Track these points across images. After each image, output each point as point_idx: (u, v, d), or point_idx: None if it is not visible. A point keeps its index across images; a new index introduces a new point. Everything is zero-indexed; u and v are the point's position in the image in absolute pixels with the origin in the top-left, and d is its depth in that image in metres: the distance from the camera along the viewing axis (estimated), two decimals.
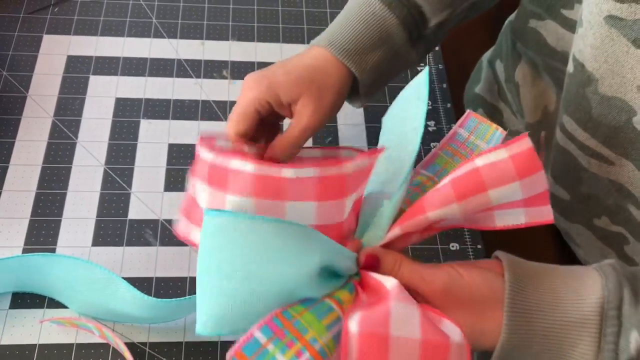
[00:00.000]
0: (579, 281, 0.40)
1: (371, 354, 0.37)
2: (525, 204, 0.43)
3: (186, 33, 0.82)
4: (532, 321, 0.40)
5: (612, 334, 0.38)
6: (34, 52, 0.78)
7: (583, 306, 0.39)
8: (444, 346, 0.38)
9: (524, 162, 0.41)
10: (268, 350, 0.37)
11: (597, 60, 0.47)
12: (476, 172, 0.42)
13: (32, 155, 0.70)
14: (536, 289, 0.40)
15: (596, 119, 0.49)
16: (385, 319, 0.38)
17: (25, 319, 0.60)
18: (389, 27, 0.55)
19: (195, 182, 0.46)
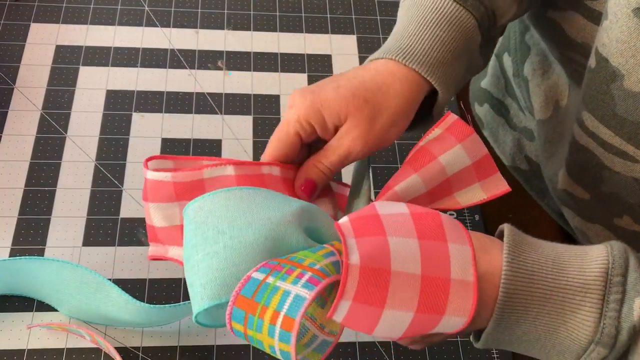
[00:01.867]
0: (582, 249, 0.40)
1: (366, 226, 0.38)
2: (477, 175, 0.47)
3: (180, 22, 0.79)
4: (533, 282, 0.38)
5: (615, 301, 0.37)
6: (21, 41, 0.75)
7: (586, 271, 0.38)
8: (435, 214, 0.40)
9: (458, 130, 0.47)
10: (268, 282, 0.36)
11: (623, 54, 0.44)
12: (423, 149, 0.47)
13: (20, 151, 0.67)
14: (537, 250, 0.39)
15: (621, 115, 0.47)
16: (371, 207, 0.40)
17: (14, 322, 0.57)
18: (469, 30, 0.48)
19: (154, 207, 0.44)
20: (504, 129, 0.70)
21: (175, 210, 0.44)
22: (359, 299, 0.35)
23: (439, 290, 0.37)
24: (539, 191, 0.69)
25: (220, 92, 0.74)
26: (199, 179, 0.43)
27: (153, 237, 0.45)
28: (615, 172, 0.51)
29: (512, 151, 0.70)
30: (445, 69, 0.47)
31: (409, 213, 0.39)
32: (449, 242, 0.38)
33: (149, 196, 0.44)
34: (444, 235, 0.38)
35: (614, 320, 0.37)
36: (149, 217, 0.44)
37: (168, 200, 0.43)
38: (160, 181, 0.43)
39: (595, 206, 0.56)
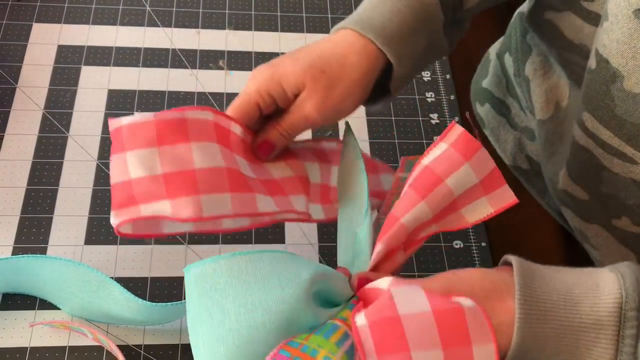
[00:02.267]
0: (593, 281, 0.39)
1: (387, 338, 0.36)
2: (484, 190, 0.45)
3: (181, 22, 0.79)
4: (546, 322, 0.38)
5: (630, 336, 0.37)
6: (23, 41, 0.75)
7: (599, 307, 0.38)
8: (458, 311, 0.37)
9: (464, 145, 0.44)
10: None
11: (623, 56, 0.44)
12: (428, 170, 0.44)
13: (22, 150, 0.67)
14: (548, 286, 0.39)
15: (620, 116, 0.47)
16: (390, 302, 0.37)
17: (16, 320, 0.58)
18: (430, 7, 0.49)
19: (132, 154, 0.43)
20: (505, 128, 0.71)
21: (155, 157, 0.43)
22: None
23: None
24: (540, 190, 0.69)
25: (222, 92, 0.74)
26: (181, 117, 0.44)
27: (121, 199, 0.43)
28: (614, 173, 0.51)
29: (513, 150, 0.70)
30: (401, 42, 0.48)
31: (431, 312, 0.37)
32: (474, 345, 0.37)
33: (126, 144, 0.43)
34: (468, 337, 0.37)
35: (630, 357, 0.37)
36: (122, 171, 0.43)
37: (148, 145, 0.42)
38: (141, 123, 0.43)
39: (594, 207, 0.56)
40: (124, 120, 0.44)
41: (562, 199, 0.59)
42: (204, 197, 0.43)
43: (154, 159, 0.43)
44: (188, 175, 0.43)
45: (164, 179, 0.42)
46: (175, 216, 0.43)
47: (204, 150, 0.44)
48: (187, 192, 0.43)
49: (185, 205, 0.42)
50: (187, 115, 0.44)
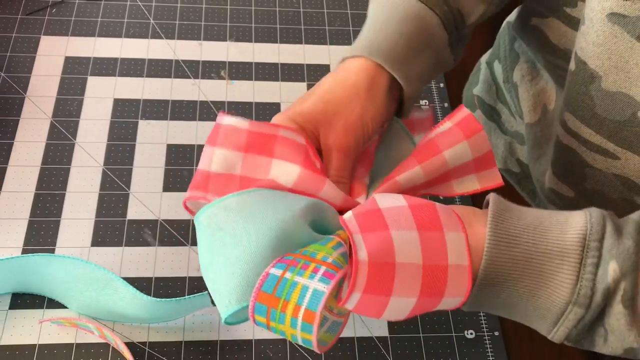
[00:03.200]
0: (564, 217, 0.42)
1: (369, 221, 0.40)
2: (475, 168, 0.48)
3: (184, 34, 0.82)
4: (514, 247, 0.41)
5: (591, 265, 0.40)
6: (32, 53, 0.78)
7: (565, 237, 0.41)
8: (430, 204, 0.42)
9: (467, 126, 0.47)
10: (286, 278, 0.38)
11: (600, 57, 0.47)
12: (431, 142, 0.48)
13: (31, 156, 0.70)
14: (519, 217, 0.42)
15: (600, 115, 0.50)
16: (372, 201, 0.42)
17: (25, 319, 0.60)
18: (432, 27, 0.51)
19: (220, 151, 0.45)
20: (496, 133, 0.73)
21: (237, 161, 0.45)
22: (368, 291, 0.38)
23: (438, 277, 0.40)
24: (530, 192, 0.71)
25: (223, 101, 0.77)
26: (273, 134, 0.46)
27: (198, 184, 0.46)
28: (598, 169, 0.53)
29: (504, 154, 0.72)
30: (409, 63, 0.50)
31: (407, 206, 0.41)
32: (445, 231, 0.41)
33: (218, 140, 0.45)
34: (440, 224, 0.41)
35: (589, 282, 0.39)
36: (207, 162, 0.45)
37: (235, 149, 0.45)
38: (235, 127, 0.45)
39: (580, 203, 0.58)
40: (226, 120, 0.46)
41: (550, 197, 0.62)
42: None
43: (237, 161, 0.45)
44: (260, 183, 0.45)
45: (239, 179, 0.45)
46: None
47: (282, 168, 0.46)
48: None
49: None
50: (279, 133, 0.46)
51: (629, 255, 0.39)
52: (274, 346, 0.61)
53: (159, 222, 0.67)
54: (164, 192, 0.69)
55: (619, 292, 0.39)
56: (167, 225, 0.67)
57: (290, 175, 0.45)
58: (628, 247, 0.39)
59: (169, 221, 0.67)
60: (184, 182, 0.70)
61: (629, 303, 0.39)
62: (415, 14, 0.50)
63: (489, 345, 0.63)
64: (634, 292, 0.39)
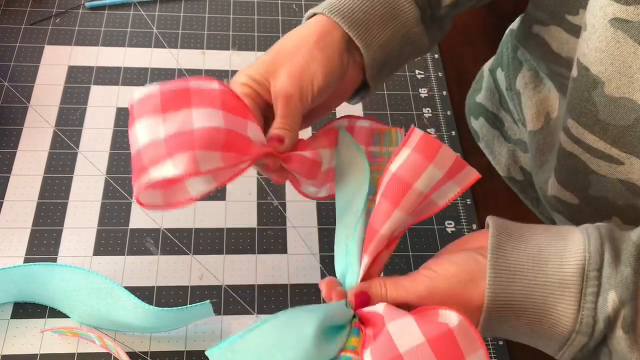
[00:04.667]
0: (562, 242, 0.42)
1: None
2: (449, 176, 0.47)
3: (187, 43, 0.82)
4: (514, 281, 0.41)
5: (591, 294, 0.40)
6: (36, 62, 0.78)
7: (565, 268, 0.41)
8: (448, 334, 0.40)
9: (426, 148, 0.46)
10: None
11: (602, 63, 0.47)
12: (395, 177, 0.46)
13: (34, 165, 0.70)
14: (519, 249, 0.42)
15: (603, 120, 0.49)
16: (389, 342, 0.41)
17: (27, 328, 0.60)
18: (399, 0, 0.51)
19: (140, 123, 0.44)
20: (499, 141, 0.73)
21: (159, 123, 0.44)
22: None
23: None
24: (533, 200, 0.71)
25: None
26: (185, 87, 0.45)
27: (136, 169, 0.44)
28: (602, 175, 0.53)
29: (508, 162, 0.72)
30: (368, 30, 0.49)
31: (425, 342, 0.40)
32: (466, 357, 0.40)
33: (136, 116, 0.44)
34: (461, 351, 0.40)
35: (591, 312, 0.40)
36: (134, 142, 0.44)
37: (154, 113, 0.44)
38: (148, 95, 0.45)
39: (584, 210, 0.58)
40: (135, 94, 0.45)
41: (553, 205, 0.61)
42: (200, 152, 0.43)
43: (158, 125, 0.44)
44: (186, 135, 0.44)
45: (164, 141, 0.43)
46: (176, 174, 0.43)
47: (204, 114, 0.45)
48: (184, 149, 0.43)
49: (182, 161, 0.43)
50: (191, 85, 0.45)
51: (627, 285, 0.40)
52: None
53: (161, 230, 0.67)
54: None
55: (619, 319, 0.40)
56: (169, 234, 0.66)
57: (215, 118, 0.44)
58: (626, 275, 0.40)
59: (171, 230, 0.67)
60: None
61: (629, 328, 0.40)
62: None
63: (493, 354, 0.63)
64: (633, 318, 0.40)
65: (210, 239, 0.67)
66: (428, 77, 0.83)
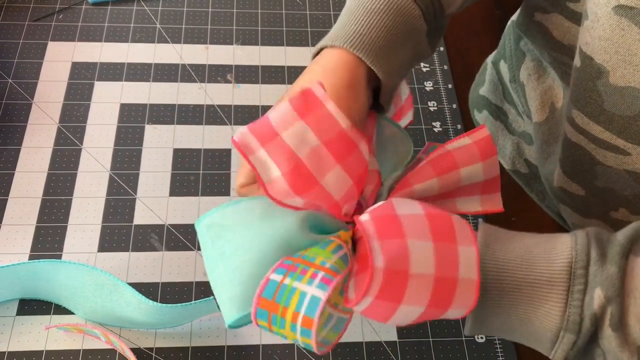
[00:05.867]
0: (552, 243, 0.42)
1: (387, 228, 0.40)
2: (482, 190, 0.48)
3: (190, 38, 0.82)
4: (502, 279, 0.41)
5: (578, 292, 0.40)
6: (39, 59, 0.78)
7: (552, 266, 0.41)
8: (446, 217, 0.42)
9: (484, 147, 0.47)
10: (285, 284, 0.39)
11: (607, 51, 0.46)
12: (449, 154, 0.47)
13: (38, 162, 0.70)
14: (507, 248, 0.42)
15: (609, 110, 0.49)
16: (389, 205, 0.42)
17: (32, 325, 0.60)
18: (414, 19, 0.49)
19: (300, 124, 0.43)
20: (504, 134, 0.72)
21: (308, 144, 0.43)
22: (380, 297, 0.39)
23: (448, 288, 0.40)
24: (539, 193, 0.70)
25: (230, 104, 0.77)
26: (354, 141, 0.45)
27: (261, 134, 0.43)
28: (608, 166, 0.52)
29: (512, 155, 0.71)
30: (388, 57, 0.48)
31: (424, 214, 0.41)
32: (458, 244, 0.41)
33: (309, 118, 0.43)
34: (454, 236, 0.41)
35: (577, 309, 0.40)
36: (283, 124, 0.43)
37: (317, 133, 0.43)
38: (333, 116, 0.44)
39: (591, 201, 0.57)
40: (330, 105, 0.44)
41: (560, 196, 0.61)
42: (297, 199, 0.43)
43: (307, 144, 0.43)
44: (310, 182, 0.43)
45: (297, 163, 0.42)
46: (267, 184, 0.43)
47: (338, 177, 0.44)
48: (294, 189, 0.42)
49: (283, 192, 0.42)
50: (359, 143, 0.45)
51: (613, 282, 0.40)
52: (281, 351, 0.60)
53: (165, 227, 0.67)
54: (171, 196, 0.69)
55: (607, 317, 0.40)
56: (174, 230, 0.66)
57: (342, 187, 0.44)
58: (612, 273, 0.40)
59: (176, 226, 0.67)
60: (191, 186, 0.70)
61: (617, 326, 0.40)
62: (399, 5, 0.49)
63: (500, 350, 0.62)
64: (620, 316, 0.40)
65: None
66: (433, 70, 0.82)
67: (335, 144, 0.44)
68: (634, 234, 0.41)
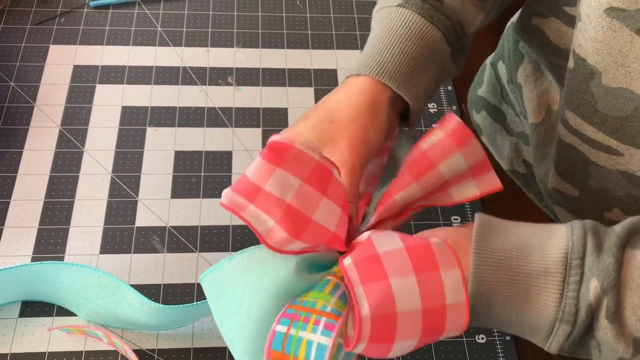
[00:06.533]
0: (548, 234, 0.43)
1: (369, 271, 0.41)
2: (472, 174, 0.48)
3: (191, 41, 0.82)
4: (499, 269, 0.42)
5: (574, 282, 0.41)
6: (41, 62, 0.79)
7: (548, 257, 0.41)
8: (426, 244, 0.42)
9: (459, 135, 0.48)
10: (291, 334, 0.41)
11: (599, 53, 0.47)
12: (424, 154, 0.48)
13: (40, 165, 0.70)
14: (503, 239, 0.43)
15: (602, 111, 0.49)
16: (369, 244, 0.43)
17: (35, 327, 0.60)
18: (435, 43, 0.51)
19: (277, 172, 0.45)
20: (502, 134, 0.73)
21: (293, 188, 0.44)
22: (372, 340, 0.40)
23: (438, 317, 0.41)
24: (537, 193, 0.71)
25: (231, 107, 0.77)
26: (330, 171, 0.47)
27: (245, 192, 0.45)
28: (601, 166, 0.53)
29: (510, 156, 0.72)
30: (413, 81, 0.50)
31: (404, 248, 0.42)
32: (441, 270, 0.42)
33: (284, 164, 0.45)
34: (436, 264, 0.42)
35: (573, 300, 0.40)
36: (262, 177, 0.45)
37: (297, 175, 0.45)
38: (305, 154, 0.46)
39: (585, 202, 0.57)
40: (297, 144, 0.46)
41: (554, 197, 0.61)
42: (297, 242, 0.45)
43: (292, 188, 0.45)
44: (304, 221, 0.44)
45: (286, 208, 0.44)
46: (265, 236, 0.44)
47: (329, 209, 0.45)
48: (291, 233, 0.44)
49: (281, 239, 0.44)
50: (334, 173, 0.46)
51: (609, 273, 0.40)
52: None
53: (167, 228, 0.67)
54: (172, 198, 0.69)
55: (603, 308, 0.40)
56: (176, 232, 0.67)
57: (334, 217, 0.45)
58: (608, 264, 0.40)
59: (178, 228, 0.67)
60: (192, 188, 0.70)
61: (613, 317, 0.40)
62: (420, 31, 0.50)
63: (500, 350, 0.63)
64: (616, 307, 0.40)
65: (216, 237, 0.67)
66: None
67: (315, 178, 0.45)
68: (631, 227, 0.41)
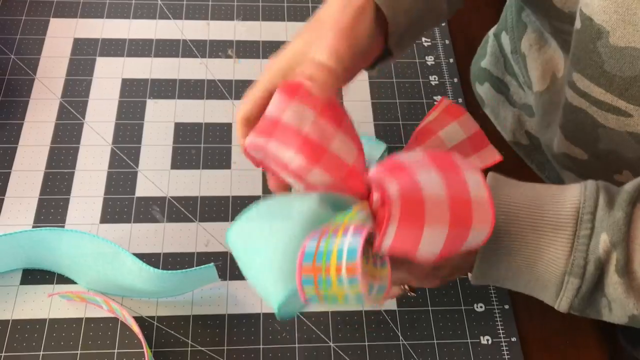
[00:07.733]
0: (559, 190, 0.43)
1: (394, 170, 0.41)
2: (472, 148, 0.49)
3: (191, 14, 0.82)
4: (510, 221, 0.42)
5: (584, 237, 0.41)
6: (41, 35, 0.78)
7: (560, 210, 0.41)
8: (447, 154, 0.43)
9: (452, 111, 0.50)
10: (322, 246, 0.40)
11: (606, 11, 0.46)
12: (425, 128, 0.50)
13: (41, 136, 0.70)
14: (516, 193, 0.43)
15: (609, 72, 0.48)
16: (393, 157, 0.44)
17: (36, 294, 0.60)
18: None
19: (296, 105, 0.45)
20: (505, 106, 0.72)
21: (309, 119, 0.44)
22: (402, 220, 0.39)
23: (464, 207, 0.40)
24: (539, 164, 0.70)
25: (230, 79, 0.77)
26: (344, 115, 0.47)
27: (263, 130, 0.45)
28: (610, 128, 0.52)
29: (513, 127, 0.71)
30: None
31: (425, 154, 0.43)
32: (463, 171, 0.42)
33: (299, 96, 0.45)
34: (458, 166, 0.42)
35: (582, 253, 0.40)
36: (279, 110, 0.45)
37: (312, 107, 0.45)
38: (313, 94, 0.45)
39: (594, 165, 0.57)
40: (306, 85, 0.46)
41: (562, 162, 0.61)
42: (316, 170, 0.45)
43: (308, 119, 0.45)
44: (321, 149, 0.45)
45: (304, 138, 0.44)
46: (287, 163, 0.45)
47: (344, 143, 0.46)
48: (310, 159, 0.44)
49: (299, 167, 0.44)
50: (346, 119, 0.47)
51: (619, 227, 0.40)
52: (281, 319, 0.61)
53: (167, 199, 0.67)
54: (172, 169, 0.69)
55: (612, 262, 0.40)
56: (175, 202, 0.67)
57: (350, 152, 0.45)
58: (618, 218, 0.40)
59: (177, 198, 0.67)
60: (192, 159, 0.70)
61: (623, 271, 0.40)
62: None
63: (499, 319, 0.63)
64: (626, 261, 0.40)
65: (215, 207, 0.67)
66: (435, 44, 0.82)
67: (328, 113, 0.45)
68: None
